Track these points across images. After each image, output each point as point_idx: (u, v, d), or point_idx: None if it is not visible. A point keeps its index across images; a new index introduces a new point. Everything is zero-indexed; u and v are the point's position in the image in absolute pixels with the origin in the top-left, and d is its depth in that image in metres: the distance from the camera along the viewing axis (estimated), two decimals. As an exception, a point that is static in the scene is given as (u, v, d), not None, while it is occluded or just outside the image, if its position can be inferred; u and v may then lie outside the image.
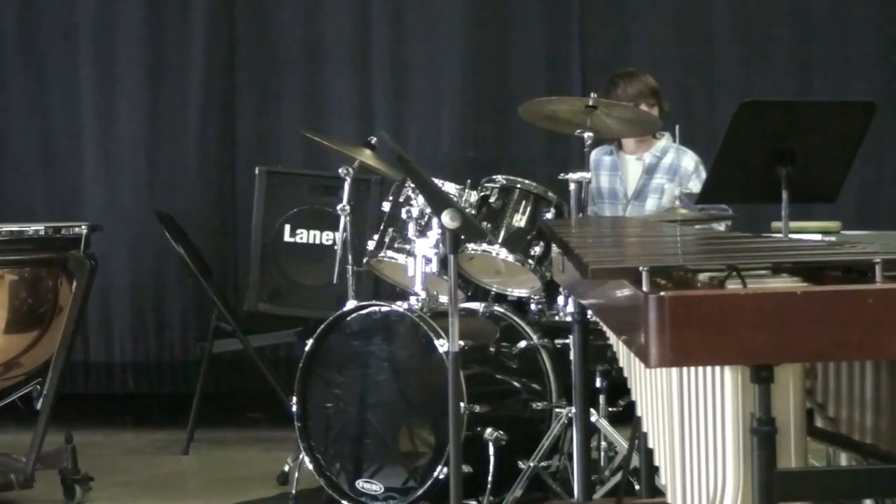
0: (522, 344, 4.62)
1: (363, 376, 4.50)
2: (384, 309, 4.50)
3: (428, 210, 4.42)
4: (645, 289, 2.07)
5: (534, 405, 4.57)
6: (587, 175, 4.39)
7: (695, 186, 4.67)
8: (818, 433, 2.53)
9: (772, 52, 6.15)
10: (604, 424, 4.39)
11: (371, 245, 4.68)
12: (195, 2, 6.22)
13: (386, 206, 4.72)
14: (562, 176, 4.48)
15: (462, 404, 4.20)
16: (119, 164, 6.25)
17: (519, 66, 6.21)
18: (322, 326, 4.58)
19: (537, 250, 4.52)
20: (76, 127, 6.25)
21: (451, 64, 6.21)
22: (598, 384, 4.48)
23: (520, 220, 4.57)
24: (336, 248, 4.91)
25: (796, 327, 1.99)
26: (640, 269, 2.11)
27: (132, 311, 6.21)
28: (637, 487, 4.09)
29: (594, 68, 6.06)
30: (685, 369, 2.30)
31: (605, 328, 2.93)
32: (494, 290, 4.74)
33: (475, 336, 4.56)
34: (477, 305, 4.74)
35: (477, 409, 4.32)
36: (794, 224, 4.17)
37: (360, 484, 4.46)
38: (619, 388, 3.79)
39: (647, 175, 4.92)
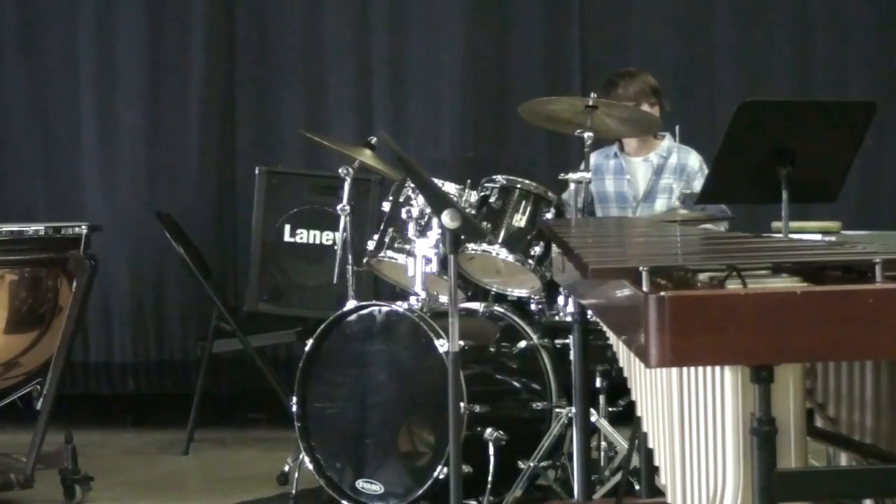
0: (522, 344, 4.62)
1: (363, 376, 4.50)
2: (384, 309, 4.50)
3: (428, 210, 4.42)
4: (645, 289, 2.07)
5: (534, 405, 4.57)
6: (587, 175, 4.39)
7: (699, 185, 4.67)
8: (818, 433, 2.53)
9: (772, 52, 6.15)
10: (604, 424, 4.39)
11: (371, 245, 4.68)
12: (195, 2, 6.23)
13: (386, 206, 4.72)
14: (562, 176, 4.48)
15: (462, 404, 4.20)
16: (119, 164, 6.25)
17: (519, 66, 6.21)
18: (322, 326, 4.58)
19: (537, 250, 4.51)
20: (76, 127, 6.25)
21: (451, 64, 6.21)
22: (598, 384, 4.48)
23: (520, 220, 4.57)
24: (336, 248, 4.91)
25: (796, 327, 1.99)
26: (640, 269, 2.11)
27: (132, 311, 6.21)
28: (637, 487, 4.09)
29: (594, 68, 6.06)
30: (685, 369, 2.30)
31: (605, 328, 2.93)
32: (494, 290, 4.74)
33: (475, 336, 4.56)
34: (477, 305, 4.74)
35: (477, 409, 4.32)
36: (794, 224, 4.17)
37: (360, 484, 4.46)
38: (619, 388, 3.79)
39: (656, 176, 4.92)
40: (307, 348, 4.58)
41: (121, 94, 6.24)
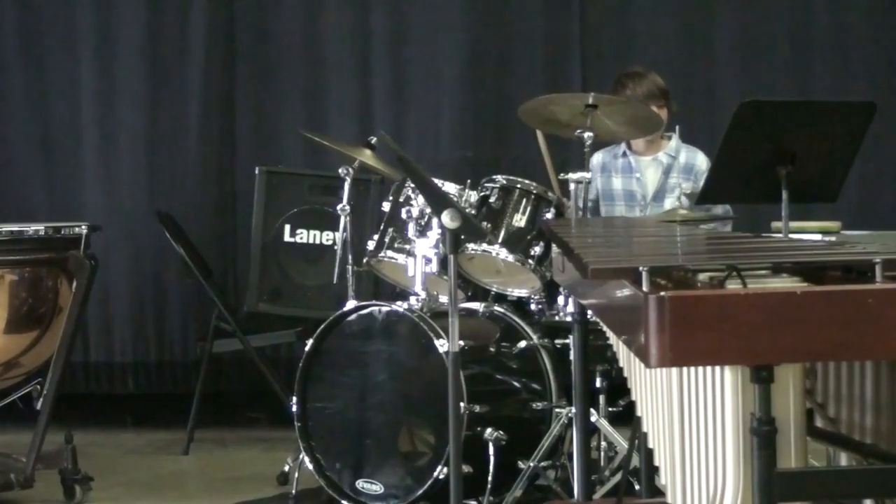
0: (522, 344, 4.62)
1: (363, 376, 4.50)
2: (384, 309, 4.50)
3: (428, 210, 4.42)
4: (645, 289, 2.07)
5: (534, 405, 4.57)
6: (587, 175, 4.38)
7: None
8: (818, 433, 2.53)
9: (772, 52, 6.15)
10: (604, 424, 4.39)
11: (371, 245, 4.68)
12: (195, 2, 6.23)
13: (386, 206, 4.72)
14: (562, 176, 4.48)
15: (462, 404, 4.20)
16: (119, 164, 6.25)
17: (519, 66, 6.21)
18: (322, 326, 4.58)
19: (537, 250, 4.51)
20: (76, 127, 6.25)
21: (451, 64, 6.21)
22: (598, 384, 4.48)
23: (520, 220, 4.57)
24: (336, 248, 4.91)
25: (796, 327, 1.99)
26: (640, 269, 2.11)
27: (132, 311, 6.21)
28: (637, 487, 4.09)
29: (594, 68, 6.06)
30: (685, 369, 2.30)
31: (605, 328, 2.93)
32: (494, 290, 4.74)
33: (475, 336, 4.56)
34: (477, 305, 4.74)
35: (477, 409, 4.32)
36: (794, 224, 4.17)
37: (360, 484, 4.46)
38: (619, 388, 3.79)
39: (665, 175, 4.92)
40: (307, 348, 4.58)
41: (121, 94, 6.24)
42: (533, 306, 4.71)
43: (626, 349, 2.62)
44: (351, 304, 4.60)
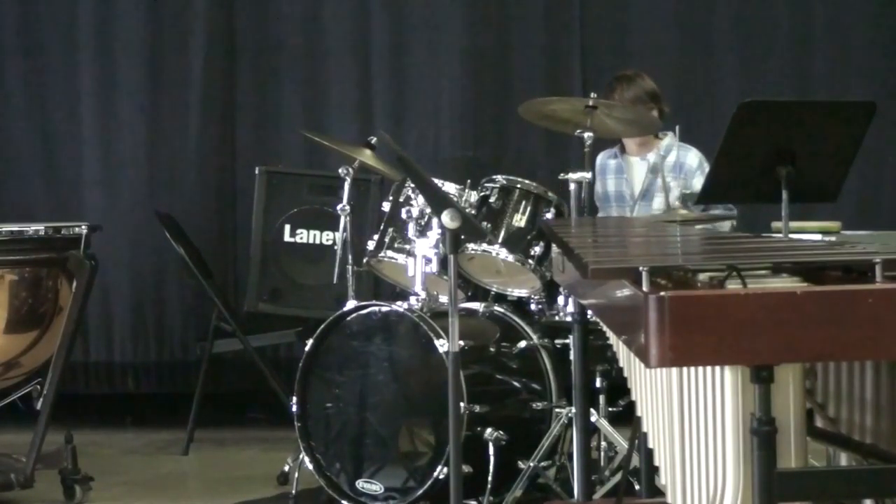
0: (522, 344, 4.62)
1: (363, 376, 4.50)
2: (384, 309, 4.50)
3: (428, 210, 4.42)
4: (645, 289, 2.07)
5: (534, 405, 4.58)
6: (587, 175, 4.38)
7: (699, 183, 4.66)
8: (818, 433, 2.53)
9: (772, 52, 6.15)
10: (604, 424, 4.39)
11: (371, 245, 4.68)
12: (195, 2, 6.23)
13: (386, 206, 4.72)
14: (562, 176, 4.48)
15: (462, 404, 4.20)
16: (119, 164, 6.25)
17: (519, 66, 6.21)
18: (322, 326, 4.58)
19: (537, 250, 4.52)
20: (76, 127, 6.25)
21: (451, 64, 6.21)
22: (598, 384, 4.48)
23: (520, 220, 4.57)
24: (336, 248, 4.91)
25: (796, 327, 1.99)
26: (640, 269, 2.11)
27: (132, 311, 6.22)
28: (637, 487, 4.09)
29: (594, 68, 6.06)
30: (685, 369, 2.30)
31: (605, 328, 2.93)
32: (494, 290, 4.74)
33: (475, 336, 4.56)
34: (477, 305, 4.74)
35: (477, 409, 4.32)
36: (794, 224, 4.17)
37: (360, 484, 4.46)
38: (619, 388, 3.79)
39: (653, 174, 4.91)
40: (307, 348, 4.58)
41: (121, 93, 6.24)
42: (533, 306, 4.71)
43: (626, 349, 2.62)
44: (351, 304, 4.60)
